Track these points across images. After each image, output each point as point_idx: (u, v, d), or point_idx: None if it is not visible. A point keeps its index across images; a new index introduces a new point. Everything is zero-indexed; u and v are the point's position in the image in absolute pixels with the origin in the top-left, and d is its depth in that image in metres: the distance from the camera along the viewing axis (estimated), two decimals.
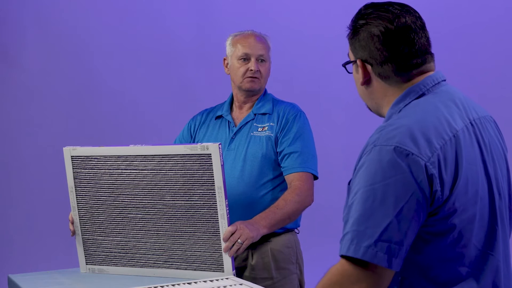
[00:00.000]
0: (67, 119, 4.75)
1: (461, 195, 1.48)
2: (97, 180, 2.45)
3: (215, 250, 2.33)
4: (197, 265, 2.37)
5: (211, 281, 2.23)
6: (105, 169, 2.43)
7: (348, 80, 1.71)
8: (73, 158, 2.47)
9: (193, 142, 2.79)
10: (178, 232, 2.38)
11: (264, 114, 2.70)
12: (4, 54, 4.71)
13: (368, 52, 1.59)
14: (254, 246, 2.61)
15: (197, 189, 2.31)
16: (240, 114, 2.76)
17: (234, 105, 2.79)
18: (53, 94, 4.74)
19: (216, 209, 2.30)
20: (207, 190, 2.30)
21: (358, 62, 1.62)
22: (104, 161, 2.42)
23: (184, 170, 2.32)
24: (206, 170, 2.28)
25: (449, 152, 1.48)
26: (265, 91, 2.78)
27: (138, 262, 2.46)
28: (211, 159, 2.26)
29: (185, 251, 2.38)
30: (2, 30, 4.70)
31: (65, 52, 4.75)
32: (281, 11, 4.96)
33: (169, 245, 2.39)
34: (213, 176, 2.28)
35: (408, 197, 1.43)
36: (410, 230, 1.44)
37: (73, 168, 2.47)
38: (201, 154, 2.28)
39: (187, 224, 2.36)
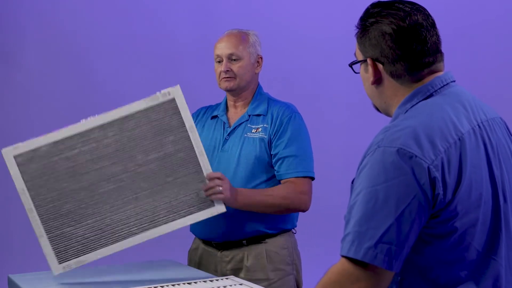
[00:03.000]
0: (67, 119, 4.73)
1: (464, 199, 1.47)
2: (52, 169, 2.32)
3: (201, 189, 2.34)
4: (186, 210, 2.35)
5: (211, 281, 2.24)
6: (58, 155, 2.32)
7: (348, 80, 1.70)
8: (16, 157, 2.34)
9: None
10: (158, 186, 2.33)
11: (258, 115, 2.69)
12: (4, 54, 4.71)
13: (380, 51, 1.57)
14: (249, 248, 2.60)
15: (168, 137, 2.29)
16: (234, 114, 2.74)
17: (229, 105, 2.78)
18: (53, 94, 4.75)
19: (193, 149, 2.28)
20: (178, 134, 2.28)
21: (369, 61, 1.59)
22: (55, 147, 2.31)
23: (150, 123, 2.28)
24: (172, 115, 2.26)
25: (453, 155, 1.47)
26: (260, 89, 2.76)
27: (120, 235, 2.36)
28: (175, 103, 2.25)
29: (170, 202, 2.34)
30: (2, 30, 4.71)
31: (65, 52, 4.76)
32: (282, 12, 4.96)
33: (152, 203, 2.34)
34: (181, 118, 2.26)
35: (410, 200, 1.42)
36: (411, 233, 1.43)
37: (19, 168, 2.33)
38: (164, 102, 2.26)
39: (166, 174, 2.32)
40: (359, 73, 1.67)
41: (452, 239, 1.47)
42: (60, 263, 2.39)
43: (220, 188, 2.36)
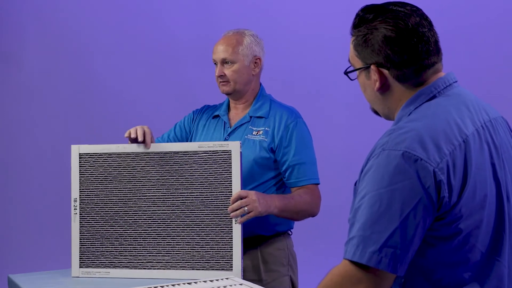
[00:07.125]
0: (67, 119, 4.75)
1: (468, 201, 1.46)
2: (105, 179, 2.46)
3: (227, 250, 2.39)
4: (208, 264, 2.40)
5: (211, 281, 2.23)
6: (116, 166, 2.45)
7: (348, 80, 1.68)
8: (81, 155, 2.47)
9: (190, 134, 2.81)
10: (191, 232, 2.41)
11: (260, 117, 2.67)
12: (4, 54, 4.71)
13: (384, 56, 1.54)
14: (244, 250, 2.62)
15: (215, 187, 2.40)
16: (236, 115, 2.74)
17: (231, 105, 2.78)
18: (53, 94, 4.74)
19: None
20: (224, 188, 2.39)
21: (373, 67, 1.56)
22: (115, 157, 2.45)
23: (205, 166, 2.40)
24: (225, 167, 2.39)
25: (458, 157, 1.46)
26: (262, 91, 2.75)
27: (145, 263, 2.45)
28: (231, 156, 2.38)
29: (197, 250, 2.41)
30: (2, 30, 4.71)
31: (65, 52, 4.75)
32: (282, 11, 4.96)
33: (182, 245, 2.42)
34: (231, 174, 2.38)
35: (415, 203, 1.41)
36: (416, 236, 1.43)
37: (79, 167, 2.47)
38: (222, 151, 2.39)
39: (201, 223, 2.40)
40: (355, 79, 1.64)
41: (456, 241, 1.47)
42: (80, 267, 2.49)
43: (246, 208, 2.38)
